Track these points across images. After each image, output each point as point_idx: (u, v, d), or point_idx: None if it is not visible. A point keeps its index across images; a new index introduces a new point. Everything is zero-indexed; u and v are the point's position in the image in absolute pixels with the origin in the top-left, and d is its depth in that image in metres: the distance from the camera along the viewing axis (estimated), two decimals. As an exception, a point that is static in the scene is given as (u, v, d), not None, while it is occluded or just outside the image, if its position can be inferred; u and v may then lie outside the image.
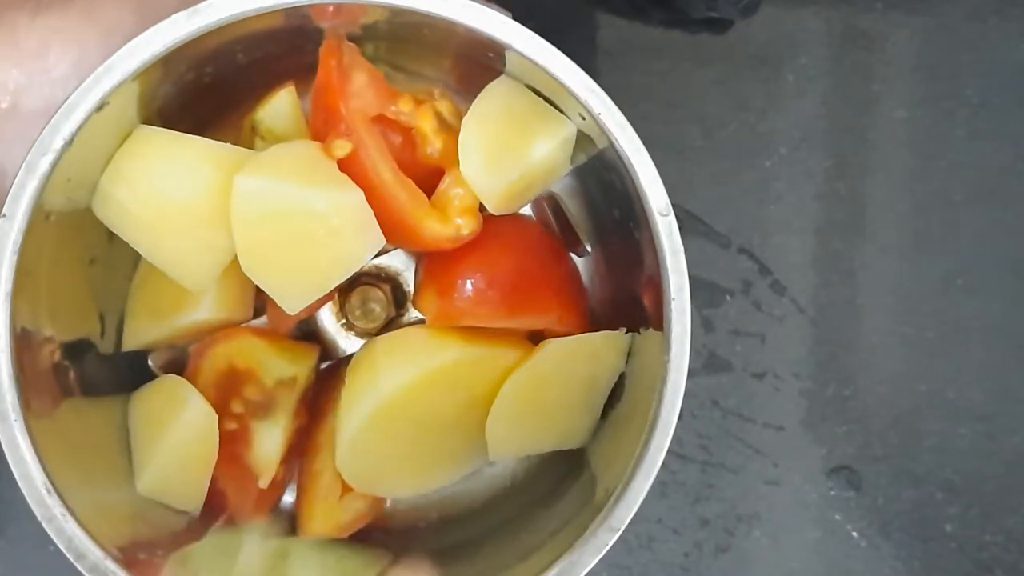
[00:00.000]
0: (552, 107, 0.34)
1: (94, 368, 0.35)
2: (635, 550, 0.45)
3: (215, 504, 0.35)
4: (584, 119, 0.32)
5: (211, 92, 0.35)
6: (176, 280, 0.33)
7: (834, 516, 0.45)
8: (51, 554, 0.30)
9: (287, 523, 0.38)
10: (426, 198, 0.33)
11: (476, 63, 0.33)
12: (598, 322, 0.37)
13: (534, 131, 0.33)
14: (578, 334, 0.35)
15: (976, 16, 0.45)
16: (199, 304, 0.35)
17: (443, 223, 0.34)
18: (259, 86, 0.36)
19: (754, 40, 0.45)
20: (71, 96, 0.29)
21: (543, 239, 0.38)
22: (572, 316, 0.37)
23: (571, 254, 0.39)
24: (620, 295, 0.37)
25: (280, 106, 0.36)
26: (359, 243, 0.32)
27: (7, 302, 0.29)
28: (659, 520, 0.45)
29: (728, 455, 0.45)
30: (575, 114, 0.33)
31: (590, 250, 0.39)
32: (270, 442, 0.35)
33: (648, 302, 0.33)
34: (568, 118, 0.33)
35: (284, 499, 0.39)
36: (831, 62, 0.45)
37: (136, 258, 0.36)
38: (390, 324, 0.40)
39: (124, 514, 0.33)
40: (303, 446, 0.38)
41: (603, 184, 0.35)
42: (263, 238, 0.31)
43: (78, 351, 0.34)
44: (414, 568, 0.33)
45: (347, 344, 0.40)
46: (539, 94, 0.33)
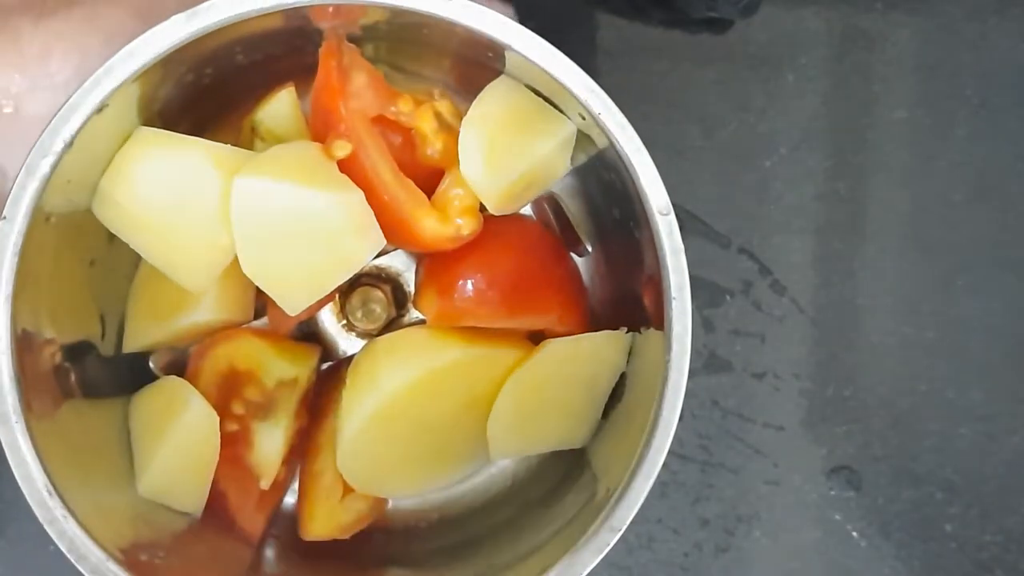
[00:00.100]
0: (552, 107, 0.33)
1: (95, 370, 0.35)
2: (635, 550, 0.45)
3: (216, 505, 0.35)
4: (584, 119, 0.32)
5: (211, 93, 0.35)
6: (176, 281, 0.33)
7: (834, 516, 0.45)
8: (51, 554, 0.30)
9: (288, 524, 0.38)
10: (426, 198, 0.33)
11: (476, 63, 0.33)
12: (598, 322, 0.37)
13: (534, 131, 0.33)
14: (579, 334, 0.35)
15: (976, 16, 0.45)
16: (199, 305, 0.35)
17: (443, 223, 0.34)
18: (259, 87, 0.36)
19: (754, 40, 0.45)
20: (71, 98, 0.29)
21: (543, 239, 0.38)
22: (573, 316, 0.37)
23: (571, 254, 0.39)
24: (620, 295, 0.37)
25: (280, 107, 0.36)
26: (359, 244, 0.32)
27: (8, 304, 0.29)
28: (659, 520, 0.45)
29: (728, 455, 0.45)
30: (575, 114, 0.33)
31: (590, 250, 0.39)
32: (271, 443, 0.35)
33: (648, 302, 0.33)
34: (568, 118, 0.33)
35: (285, 500, 0.39)
36: (831, 62, 0.45)
37: (136, 259, 0.36)
38: (391, 325, 0.40)
39: (125, 515, 0.33)
40: (304, 447, 0.38)
41: (603, 184, 0.35)
42: (263, 239, 0.31)
43: (79, 353, 0.34)
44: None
45: (348, 345, 0.40)
46: (539, 94, 0.33)
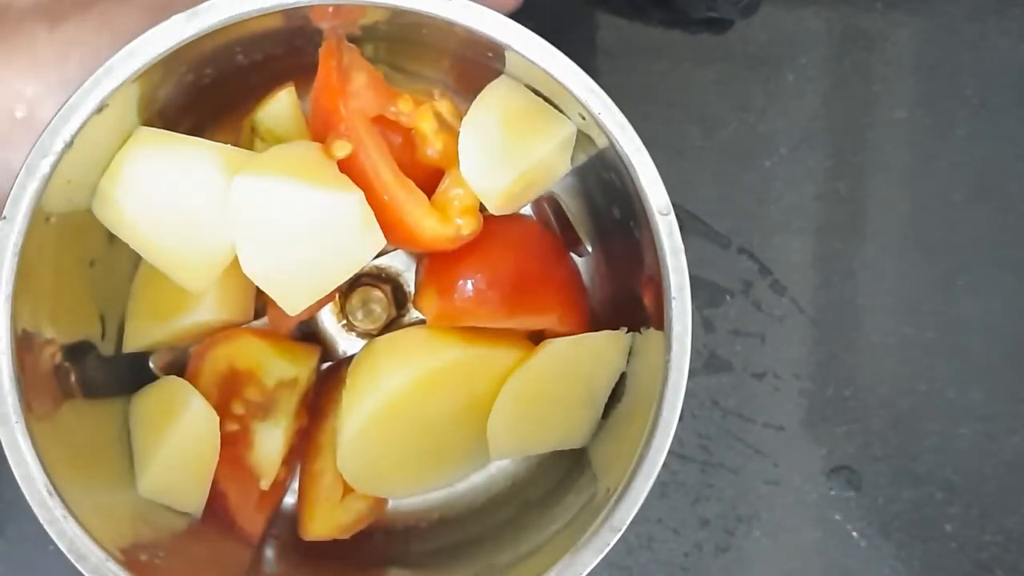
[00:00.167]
0: (552, 107, 0.33)
1: (95, 370, 0.35)
2: (635, 550, 0.45)
3: (216, 505, 0.35)
4: (584, 119, 0.32)
5: (211, 93, 0.35)
6: (176, 281, 0.33)
7: (834, 516, 0.45)
8: (51, 554, 0.30)
9: (288, 524, 0.38)
10: (426, 198, 0.33)
11: (476, 63, 0.33)
12: (598, 322, 0.37)
13: (534, 131, 0.33)
14: (579, 334, 0.35)
15: (976, 16, 0.45)
16: (199, 305, 0.35)
17: (443, 223, 0.34)
18: (259, 87, 0.36)
19: (754, 40, 0.45)
20: (71, 98, 0.29)
21: (543, 239, 0.38)
22: (573, 316, 0.37)
23: (571, 254, 0.39)
24: (620, 295, 0.37)
25: (280, 107, 0.36)
26: (359, 244, 0.32)
27: (8, 304, 0.29)
28: (659, 520, 0.45)
29: (728, 455, 0.45)
30: (575, 114, 0.32)
31: (590, 250, 0.39)
32: (271, 443, 0.35)
33: (648, 302, 0.33)
34: (568, 118, 0.33)
35: (285, 500, 0.39)
36: (831, 62, 0.45)
37: (137, 259, 0.36)
38: (391, 325, 0.40)
39: (125, 515, 0.33)
40: (304, 447, 0.38)
41: (603, 184, 0.35)
42: (263, 239, 0.31)
43: (79, 353, 0.34)
44: None
45: (348, 345, 0.40)
46: (539, 94, 0.33)
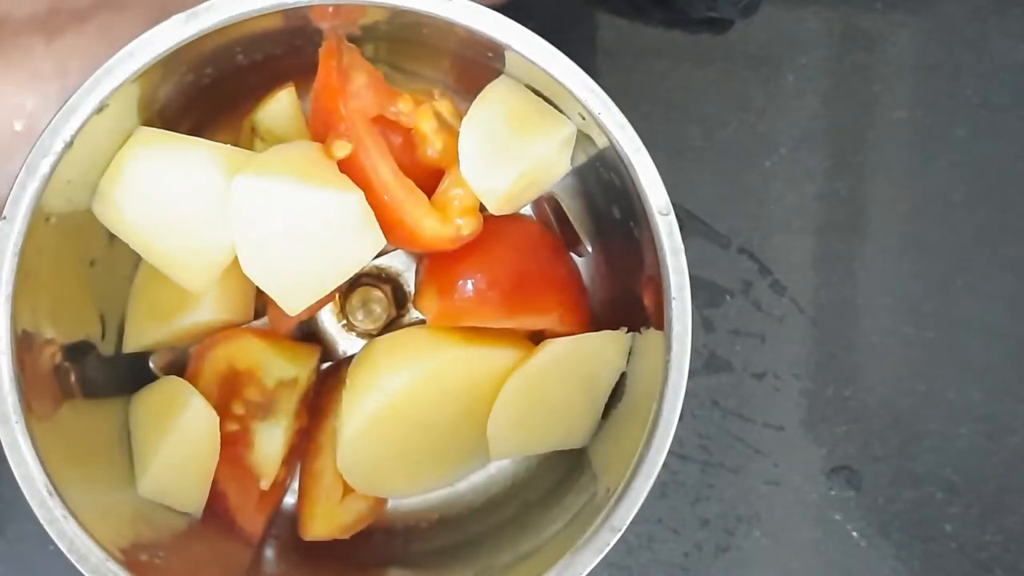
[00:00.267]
0: (552, 107, 0.33)
1: (95, 370, 0.35)
2: (635, 550, 0.45)
3: (216, 505, 0.35)
4: (584, 119, 0.32)
5: (211, 93, 0.35)
6: (176, 281, 0.33)
7: (834, 516, 0.45)
8: (51, 554, 0.30)
9: (288, 524, 0.38)
10: (426, 198, 0.33)
11: (476, 63, 0.33)
12: (598, 322, 0.37)
13: (534, 131, 0.33)
14: (579, 334, 0.35)
15: (976, 16, 0.45)
16: (200, 305, 0.35)
17: (443, 223, 0.34)
18: (259, 87, 0.36)
19: (754, 40, 0.45)
20: (71, 98, 0.29)
21: (543, 239, 0.38)
22: (573, 316, 0.37)
23: (571, 254, 0.39)
24: (620, 295, 0.37)
25: (280, 107, 0.36)
26: (359, 244, 0.32)
27: (8, 304, 0.29)
28: (659, 520, 0.45)
29: (728, 455, 0.45)
30: (575, 114, 0.33)
31: (590, 250, 0.39)
32: (271, 443, 0.35)
33: (648, 302, 0.33)
34: (568, 118, 0.33)
35: (285, 500, 0.39)
36: (831, 62, 0.45)
37: (137, 259, 0.36)
38: (391, 325, 0.40)
39: (125, 516, 0.33)
40: (304, 447, 0.38)
41: (603, 184, 0.35)
42: (263, 239, 0.31)
43: (79, 353, 0.34)
44: None
45: (348, 345, 0.40)
46: (539, 94, 0.33)
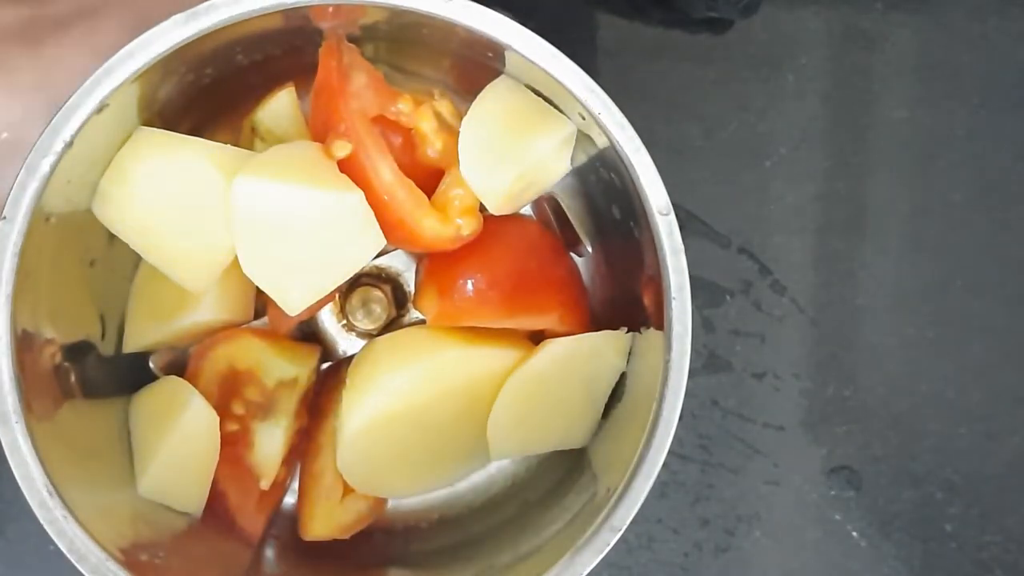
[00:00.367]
0: (552, 107, 0.33)
1: (95, 370, 0.35)
2: (635, 550, 0.45)
3: (216, 505, 0.35)
4: (584, 119, 0.32)
5: (211, 93, 0.35)
6: (176, 281, 0.33)
7: (834, 516, 0.45)
8: (51, 554, 0.30)
9: (288, 524, 0.38)
10: (426, 198, 0.33)
11: (476, 63, 0.33)
12: (598, 322, 0.37)
13: (534, 131, 0.33)
14: (579, 334, 0.35)
15: (976, 16, 0.45)
16: (200, 305, 0.35)
17: (443, 223, 0.34)
18: (259, 87, 0.36)
19: (754, 40, 0.45)
20: (71, 98, 0.29)
21: (543, 239, 0.38)
22: (573, 316, 0.37)
23: (571, 254, 0.39)
24: (620, 295, 0.37)
25: (280, 107, 0.36)
26: (359, 244, 0.32)
27: (8, 304, 0.29)
28: (659, 520, 0.45)
29: (728, 455, 0.45)
30: (575, 114, 0.33)
31: (590, 250, 0.39)
32: (271, 443, 0.35)
33: (648, 302, 0.33)
34: (568, 118, 0.33)
35: (285, 500, 0.39)
36: (831, 62, 0.45)
37: (137, 259, 0.36)
38: (391, 325, 0.40)
39: (125, 515, 0.33)
40: (304, 447, 0.38)
41: (603, 184, 0.35)
42: (263, 239, 0.31)
43: (79, 353, 0.34)
44: None
45: (348, 345, 0.40)
46: (539, 94, 0.33)
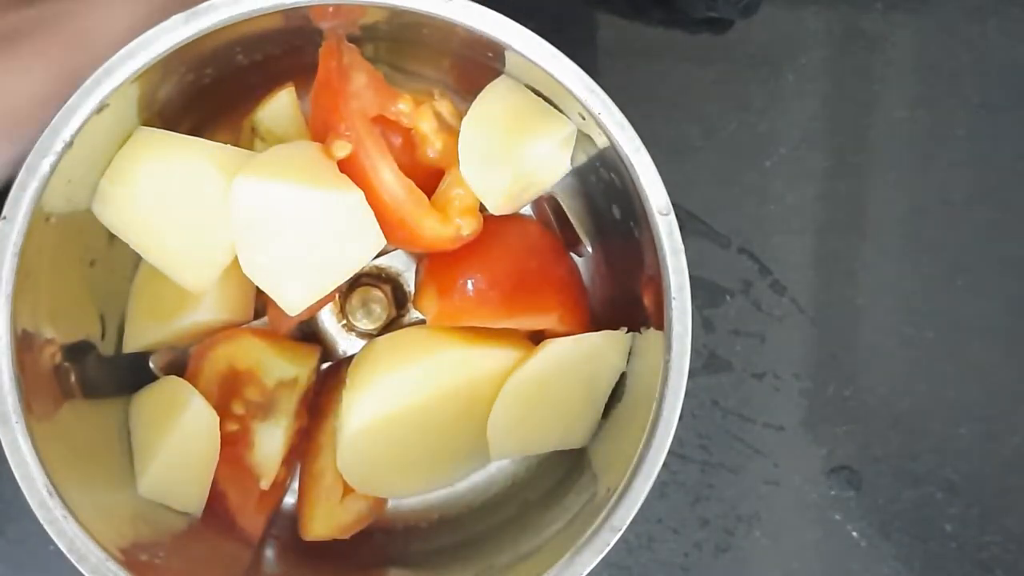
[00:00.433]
0: (552, 107, 0.33)
1: (95, 370, 0.35)
2: (635, 550, 0.45)
3: (216, 505, 0.35)
4: (584, 119, 0.32)
5: (211, 93, 0.35)
6: (176, 281, 0.33)
7: (834, 516, 0.45)
8: (51, 554, 0.30)
9: (289, 524, 0.38)
10: (426, 198, 0.33)
11: (476, 63, 0.33)
12: (598, 322, 0.37)
13: (534, 131, 0.33)
14: (579, 334, 0.35)
15: (976, 16, 0.45)
16: (200, 305, 0.35)
17: (443, 223, 0.34)
18: (259, 87, 0.36)
19: (754, 40, 0.45)
20: (71, 98, 0.29)
21: (543, 239, 0.38)
22: (573, 316, 0.37)
23: (571, 254, 0.39)
24: (620, 295, 0.37)
25: (280, 107, 0.36)
26: (359, 244, 0.32)
27: (8, 304, 0.29)
28: (659, 520, 0.45)
29: (728, 455, 0.45)
30: (575, 114, 0.33)
31: (590, 250, 0.39)
32: (271, 443, 0.35)
33: (648, 302, 0.33)
34: (568, 118, 0.33)
35: (285, 500, 0.39)
36: (831, 62, 0.45)
37: (137, 259, 0.36)
38: (391, 325, 0.40)
39: (125, 515, 0.33)
40: (304, 447, 0.38)
41: (603, 184, 0.35)
42: (263, 239, 0.31)
43: (79, 353, 0.34)
44: None
45: (348, 345, 0.40)
46: (539, 94, 0.33)
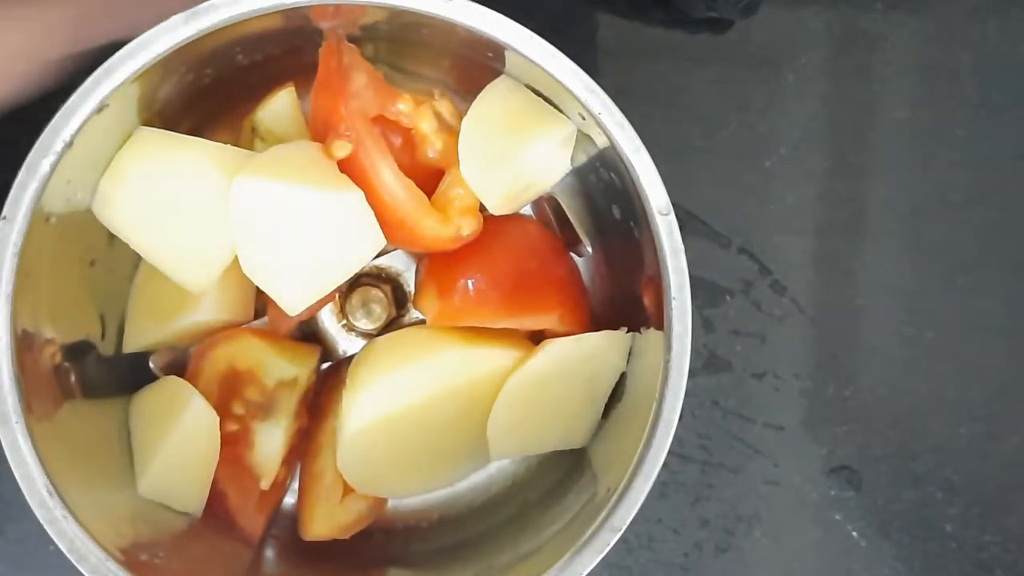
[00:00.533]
0: (552, 107, 0.33)
1: (95, 370, 0.35)
2: (635, 550, 0.45)
3: (216, 505, 0.35)
4: (584, 119, 0.32)
5: (211, 93, 0.35)
6: (176, 281, 0.33)
7: (834, 516, 0.45)
8: (51, 554, 0.30)
9: (289, 524, 0.38)
10: (426, 198, 0.33)
11: (476, 63, 0.33)
12: (598, 322, 0.37)
13: (534, 131, 0.33)
14: (579, 334, 0.35)
15: (976, 16, 0.45)
16: (199, 305, 0.35)
17: (443, 223, 0.34)
18: (259, 87, 0.36)
19: (754, 40, 0.45)
20: (71, 98, 0.29)
21: (543, 239, 0.38)
22: (573, 316, 0.37)
23: (571, 254, 0.39)
24: (620, 295, 0.37)
25: (280, 107, 0.36)
26: (359, 244, 0.32)
27: (8, 304, 0.29)
28: (659, 520, 0.45)
29: (728, 455, 0.45)
30: (575, 114, 0.33)
31: (590, 250, 0.39)
32: (271, 443, 0.35)
33: (648, 302, 0.33)
34: (568, 118, 0.33)
35: (285, 500, 0.39)
36: (831, 62, 0.45)
37: (137, 259, 0.36)
38: (391, 325, 0.40)
39: (125, 515, 0.33)
40: (304, 447, 0.38)
41: (603, 184, 0.35)
42: (263, 239, 0.31)
43: (79, 353, 0.34)
44: None
45: (348, 345, 0.40)
46: (539, 94, 0.33)
